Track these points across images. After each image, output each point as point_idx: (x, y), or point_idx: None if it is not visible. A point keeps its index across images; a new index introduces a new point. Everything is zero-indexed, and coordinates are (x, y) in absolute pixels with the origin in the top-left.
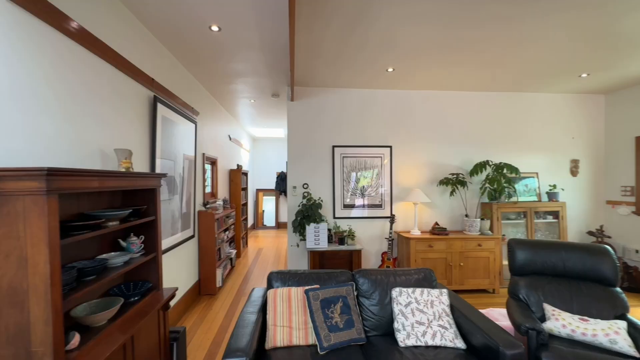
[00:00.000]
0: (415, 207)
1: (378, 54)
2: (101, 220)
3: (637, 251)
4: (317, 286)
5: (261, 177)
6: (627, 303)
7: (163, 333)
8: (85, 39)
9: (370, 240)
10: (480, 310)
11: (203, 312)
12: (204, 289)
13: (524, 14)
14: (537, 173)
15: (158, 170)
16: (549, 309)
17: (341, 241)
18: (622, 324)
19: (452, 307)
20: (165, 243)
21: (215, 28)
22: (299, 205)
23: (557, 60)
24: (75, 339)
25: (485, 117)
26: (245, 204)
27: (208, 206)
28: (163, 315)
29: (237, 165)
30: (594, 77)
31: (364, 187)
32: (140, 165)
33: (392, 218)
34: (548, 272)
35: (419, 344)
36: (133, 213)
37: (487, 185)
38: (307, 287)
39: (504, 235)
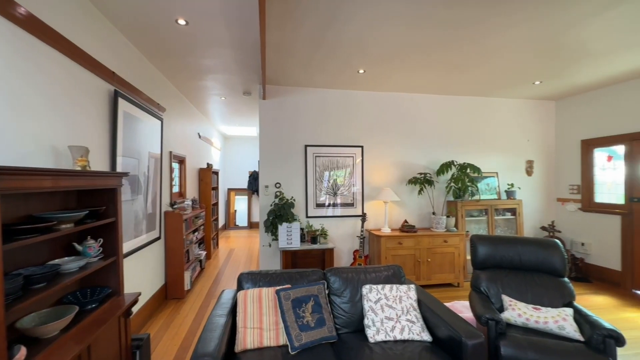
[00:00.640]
0: (385, 205)
1: (349, 56)
2: (52, 222)
3: (582, 244)
4: (289, 286)
5: (233, 176)
6: (573, 292)
7: (124, 341)
8: (34, 26)
9: (342, 238)
10: (446, 304)
11: (170, 317)
12: (171, 293)
13: (484, 29)
14: (497, 173)
15: (119, 168)
16: (506, 299)
17: (314, 240)
18: (569, 311)
19: (420, 302)
20: (127, 246)
21: (182, 22)
22: (271, 205)
23: (514, 69)
24: (21, 352)
25: (450, 119)
26: (216, 204)
27: (175, 206)
28: (124, 322)
29: (208, 164)
30: (546, 84)
31: (336, 185)
32: (99, 163)
33: (363, 216)
34: (506, 266)
35: (388, 338)
36: (91, 214)
37: (452, 184)
38: (278, 287)
39: (467, 231)
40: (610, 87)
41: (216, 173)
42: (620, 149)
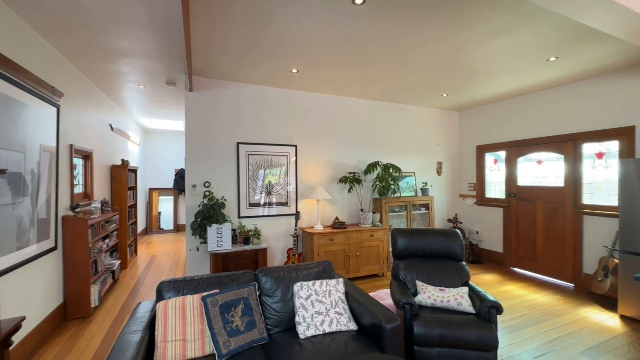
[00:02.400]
0: (318, 203)
1: (283, 54)
2: None
3: (477, 232)
4: (217, 291)
5: (156, 175)
6: (469, 273)
7: None
8: None
9: (276, 237)
10: (371, 293)
11: (71, 341)
12: (72, 312)
13: (402, 44)
14: (414, 172)
15: None
16: (419, 284)
17: (246, 241)
18: (465, 290)
19: (347, 294)
20: (5, 261)
21: None
22: (199, 206)
23: (427, 81)
24: None
25: (376, 122)
26: (134, 206)
27: (79, 210)
28: (2, 354)
29: (122, 160)
30: (451, 97)
31: (271, 184)
32: None
33: (297, 215)
34: (420, 254)
35: (317, 333)
36: None
37: (377, 182)
38: (205, 294)
39: (390, 225)
40: (498, 103)
41: (134, 171)
42: (502, 154)
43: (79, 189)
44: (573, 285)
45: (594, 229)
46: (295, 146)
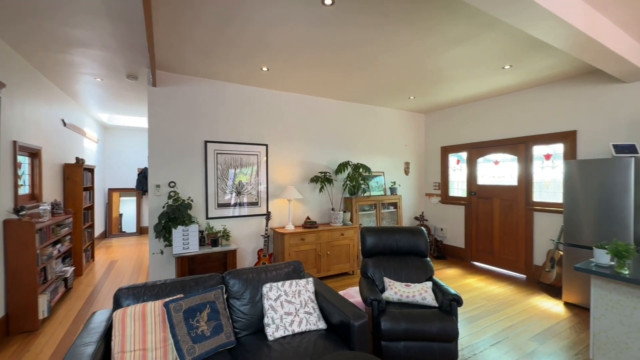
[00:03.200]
0: (289, 203)
1: (252, 51)
2: None
3: (442, 229)
4: (181, 296)
5: (117, 174)
6: (433, 268)
7: None
8: None
9: (247, 238)
10: (342, 291)
11: (14, 357)
12: (16, 326)
13: (372, 49)
14: (383, 172)
15: None
16: (387, 281)
17: (215, 243)
18: (429, 284)
19: (317, 293)
20: None
21: None
22: (163, 207)
23: (394, 84)
24: None
25: (347, 123)
26: (91, 208)
27: (24, 213)
28: None
29: (77, 158)
30: (418, 100)
31: (242, 184)
32: None
33: (268, 215)
34: (387, 252)
35: (287, 333)
36: None
37: (348, 182)
38: (167, 299)
39: (360, 224)
40: (460, 106)
41: (91, 170)
42: (464, 155)
43: (24, 190)
44: (525, 276)
45: (543, 224)
46: (266, 145)
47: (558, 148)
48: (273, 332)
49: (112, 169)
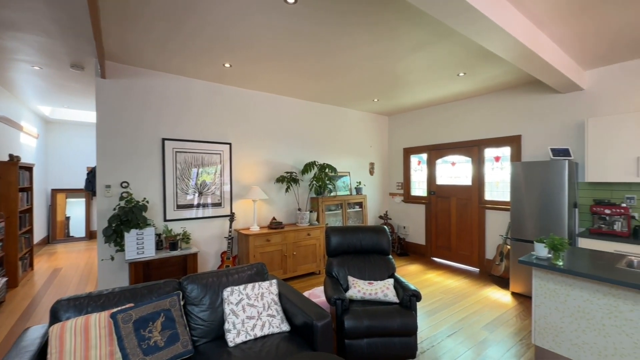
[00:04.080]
0: (254, 204)
1: (213, 46)
2: None
3: (404, 227)
4: (131, 305)
5: (62, 174)
6: (394, 265)
7: None
8: None
9: (209, 241)
10: (307, 291)
11: None
12: None
13: (335, 46)
14: (349, 172)
15: None
16: (350, 279)
17: (173, 246)
18: (391, 281)
19: (281, 295)
20: None
21: None
22: (114, 209)
23: (359, 86)
24: None
25: (313, 123)
26: (30, 210)
27: None
28: None
29: (11, 155)
30: (381, 102)
31: (205, 184)
32: None
33: (231, 216)
34: (352, 251)
35: (248, 338)
36: None
37: (314, 182)
38: (115, 309)
39: (327, 223)
40: (421, 110)
41: (29, 168)
42: (425, 156)
43: None
44: (478, 269)
45: (494, 221)
46: (230, 144)
47: (506, 151)
48: (234, 337)
49: (56, 167)
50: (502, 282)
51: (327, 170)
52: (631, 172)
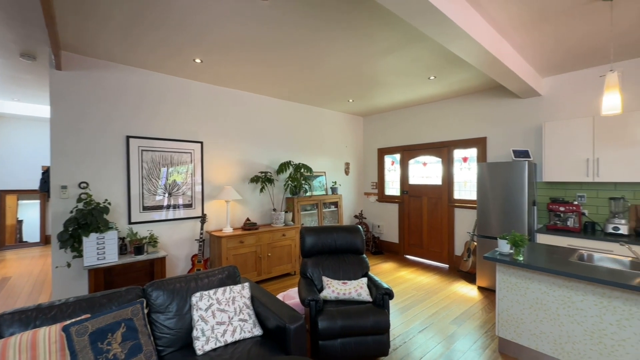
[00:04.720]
0: (227, 204)
1: (180, 40)
2: None
3: (378, 226)
4: (87, 316)
5: (12, 173)
6: (368, 264)
7: None
8: None
9: (179, 244)
10: (282, 293)
11: None
12: None
13: (312, 51)
14: (325, 172)
15: None
16: (325, 280)
17: (138, 250)
18: (365, 280)
19: (253, 298)
20: None
21: None
22: (71, 212)
23: (335, 87)
24: None
25: (288, 122)
26: None
27: None
28: None
29: None
30: (356, 103)
31: (175, 184)
32: None
33: (203, 217)
34: (326, 251)
35: (218, 345)
36: None
37: (289, 182)
38: (68, 322)
39: (302, 224)
40: (394, 111)
41: None
42: (398, 156)
43: None
44: (448, 265)
45: (462, 219)
46: (202, 143)
47: (473, 152)
48: (203, 345)
49: (5, 166)
50: (470, 277)
51: (302, 170)
52: (582, 173)
